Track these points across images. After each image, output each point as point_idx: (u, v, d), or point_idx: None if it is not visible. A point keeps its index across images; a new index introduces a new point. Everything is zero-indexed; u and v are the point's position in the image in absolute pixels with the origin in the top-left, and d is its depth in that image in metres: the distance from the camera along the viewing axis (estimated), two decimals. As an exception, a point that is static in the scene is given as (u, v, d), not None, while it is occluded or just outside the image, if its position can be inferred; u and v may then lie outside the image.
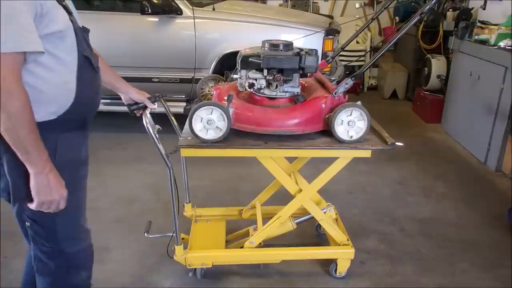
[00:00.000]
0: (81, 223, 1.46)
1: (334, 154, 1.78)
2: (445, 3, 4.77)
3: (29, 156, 1.16)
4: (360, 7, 6.19)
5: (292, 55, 1.70)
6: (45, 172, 1.19)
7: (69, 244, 1.42)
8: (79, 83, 1.28)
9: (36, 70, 1.18)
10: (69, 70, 1.26)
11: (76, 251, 1.44)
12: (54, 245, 1.39)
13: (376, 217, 2.72)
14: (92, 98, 1.39)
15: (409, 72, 5.33)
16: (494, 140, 3.41)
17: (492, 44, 3.55)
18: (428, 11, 1.74)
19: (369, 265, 2.26)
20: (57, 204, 1.26)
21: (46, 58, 1.18)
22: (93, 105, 1.40)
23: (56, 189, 1.23)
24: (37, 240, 1.38)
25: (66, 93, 1.27)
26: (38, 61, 1.18)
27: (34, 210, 1.27)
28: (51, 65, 1.20)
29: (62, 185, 1.25)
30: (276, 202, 2.35)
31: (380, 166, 3.43)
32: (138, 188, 2.98)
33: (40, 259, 1.42)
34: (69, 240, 1.41)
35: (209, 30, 3.62)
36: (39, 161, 1.18)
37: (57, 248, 1.39)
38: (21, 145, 1.15)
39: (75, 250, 1.44)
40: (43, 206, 1.24)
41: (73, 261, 1.45)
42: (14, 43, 1.07)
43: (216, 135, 1.67)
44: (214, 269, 2.09)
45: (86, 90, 1.32)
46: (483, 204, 2.90)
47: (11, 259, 2.24)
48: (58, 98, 1.25)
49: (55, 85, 1.23)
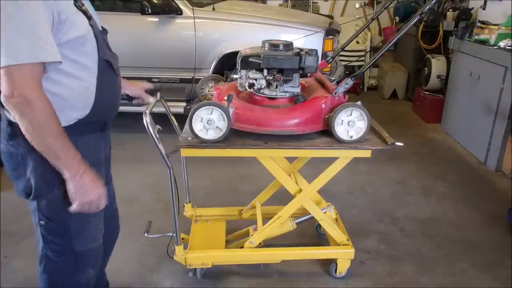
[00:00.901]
0: (95, 222, 1.45)
1: (334, 154, 1.78)
2: (445, 3, 4.77)
3: (61, 162, 1.19)
4: (360, 7, 6.19)
5: (292, 55, 1.70)
6: (79, 175, 1.21)
7: (81, 243, 1.41)
8: (99, 87, 1.28)
9: (57, 77, 1.19)
10: (90, 75, 1.26)
11: (86, 250, 1.44)
12: (66, 244, 1.39)
13: (376, 217, 2.72)
14: (112, 101, 1.39)
15: (409, 72, 5.33)
16: (494, 140, 3.41)
17: (492, 44, 3.55)
18: (428, 11, 1.74)
19: (369, 265, 2.26)
20: (96, 203, 1.27)
21: (67, 64, 1.19)
22: (113, 108, 1.40)
23: (92, 190, 1.25)
24: (48, 239, 1.39)
25: (87, 98, 1.27)
26: (59, 69, 1.18)
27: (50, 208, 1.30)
28: (72, 71, 1.21)
29: (98, 184, 1.27)
30: (276, 202, 2.35)
31: (380, 166, 3.43)
32: (138, 188, 2.98)
33: (49, 257, 1.43)
34: (82, 239, 1.41)
35: (209, 30, 3.62)
36: (71, 165, 1.20)
37: (68, 246, 1.40)
38: (50, 152, 1.17)
39: (86, 249, 1.44)
40: (84, 208, 1.26)
41: (82, 259, 1.45)
42: (30, 54, 1.07)
43: (216, 135, 1.67)
44: (214, 269, 2.09)
45: (106, 94, 1.33)
46: (483, 204, 2.90)
47: (11, 259, 2.24)
48: (79, 103, 1.26)
49: (76, 91, 1.24)
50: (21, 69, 1.07)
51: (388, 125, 1.93)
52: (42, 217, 1.34)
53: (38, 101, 1.11)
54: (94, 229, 1.46)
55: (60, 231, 1.37)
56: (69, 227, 1.36)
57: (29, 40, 1.06)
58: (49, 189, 1.28)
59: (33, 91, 1.10)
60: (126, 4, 3.78)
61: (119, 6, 3.79)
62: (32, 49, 1.07)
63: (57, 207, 1.31)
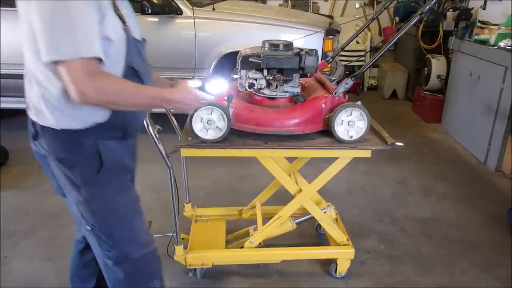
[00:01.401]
0: (139, 227, 1.42)
1: (334, 154, 1.78)
2: (445, 3, 4.77)
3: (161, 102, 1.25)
4: (360, 7, 6.19)
5: (292, 55, 1.70)
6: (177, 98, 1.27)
7: (132, 249, 1.39)
8: None
9: None
10: None
11: (141, 257, 1.41)
12: (117, 250, 1.37)
13: (376, 217, 2.72)
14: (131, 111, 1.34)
15: (409, 72, 5.33)
16: (494, 140, 3.41)
17: (492, 44, 3.55)
18: (428, 11, 1.74)
19: (369, 265, 2.26)
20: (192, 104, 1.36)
21: None
22: (134, 117, 1.34)
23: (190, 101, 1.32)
24: (103, 246, 1.37)
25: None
26: None
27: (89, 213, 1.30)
28: None
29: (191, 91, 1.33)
30: (276, 202, 2.35)
31: (380, 166, 3.43)
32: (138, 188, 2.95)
33: (108, 265, 1.40)
34: (131, 245, 1.39)
35: (209, 30, 3.62)
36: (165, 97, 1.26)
37: (121, 254, 1.37)
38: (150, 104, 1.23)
39: (139, 255, 1.40)
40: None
41: (140, 267, 1.42)
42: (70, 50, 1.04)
43: (216, 135, 1.67)
44: (214, 269, 2.09)
45: None
46: (483, 204, 2.90)
47: (11, 259, 2.24)
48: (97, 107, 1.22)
49: None
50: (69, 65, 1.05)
51: (388, 125, 1.93)
52: (88, 222, 1.33)
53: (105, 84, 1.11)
54: (141, 233, 1.43)
55: (106, 237, 1.35)
56: (113, 233, 1.34)
57: (70, 34, 1.04)
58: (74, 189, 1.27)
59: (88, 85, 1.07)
60: (126, 4, 3.78)
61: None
62: (72, 44, 1.04)
63: (95, 212, 1.30)
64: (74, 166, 1.24)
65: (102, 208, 1.30)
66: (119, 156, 1.30)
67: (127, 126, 1.33)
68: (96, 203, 1.29)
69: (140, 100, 1.19)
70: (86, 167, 1.24)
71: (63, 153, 1.23)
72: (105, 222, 1.33)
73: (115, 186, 1.31)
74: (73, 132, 1.19)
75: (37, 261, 2.23)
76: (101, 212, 1.31)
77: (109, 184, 1.29)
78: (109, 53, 1.15)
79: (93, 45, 1.07)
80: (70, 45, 1.04)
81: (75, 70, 1.06)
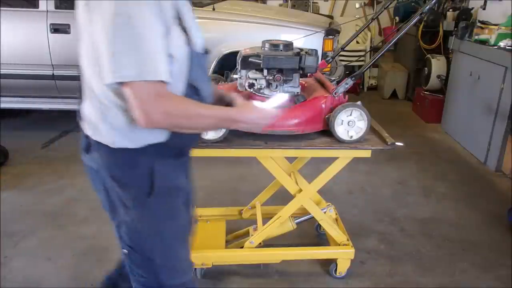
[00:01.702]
0: (182, 254, 1.34)
1: (334, 154, 1.78)
2: (445, 3, 4.77)
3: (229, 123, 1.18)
4: (360, 7, 6.19)
5: (292, 55, 1.70)
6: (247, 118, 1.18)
7: (168, 276, 1.30)
8: None
9: None
10: None
11: (176, 285, 1.32)
12: (152, 277, 1.28)
13: (376, 217, 2.72)
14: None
15: (409, 72, 5.33)
16: (494, 140, 3.41)
17: (492, 44, 3.55)
18: (428, 11, 1.74)
19: (369, 265, 2.25)
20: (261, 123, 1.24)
21: None
22: (192, 136, 1.25)
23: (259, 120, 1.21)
24: (135, 271, 1.30)
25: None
26: None
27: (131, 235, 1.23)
28: None
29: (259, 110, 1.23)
30: (276, 202, 2.35)
31: (380, 166, 3.43)
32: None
33: None
34: (168, 271, 1.30)
35: (209, 30, 3.61)
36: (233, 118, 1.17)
37: (155, 280, 1.28)
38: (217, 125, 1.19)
39: (175, 283, 1.31)
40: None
41: None
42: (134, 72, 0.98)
43: (216, 135, 1.67)
44: (214, 269, 2.09)
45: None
46: (483, 204, 2.90)
47: (11, 259, 2.24)
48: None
49: None
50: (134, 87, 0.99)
51: (388, 125, 1.93)
52: (125, 245, 1.26)
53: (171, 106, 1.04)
54: (182, 261, 1.34)
55: (144, 262, 1.27)
56: (154, 258, 1.26)
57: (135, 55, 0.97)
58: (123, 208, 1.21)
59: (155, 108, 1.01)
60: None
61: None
62: (137, 66, 0.98)
63: (138, 234, 1.24)
64: (127, 186, 1.18)
65: (147, 232, 1.23)
66: (172, 177, 1.23)
67: (184, 145, 1.27)
68: (142, 226, 1.23)
69: (207, 122, 1.13)
70: (138, 188, 1.18)
71: (117, 171, 1.17)
72: (147, 246, 1.25)
73: (165, 210, 1.24)
74: (129, 151, 1.14)
75: (37, 261, 2.23)
76: (145, 235, 1.24)
77: (159, 208, 1.22)
78: (171, 72, 1.06)
79: (159, 67, 1.00)
80: (135, 67, 0.98)
81: (140, 92, 0.99)
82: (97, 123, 1.14)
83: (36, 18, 3.53)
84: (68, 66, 3.62)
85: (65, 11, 3.55)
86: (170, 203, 1.24)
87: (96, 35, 1.01)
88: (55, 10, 3.53)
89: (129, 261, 1.29)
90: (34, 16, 3.54)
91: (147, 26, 0.98)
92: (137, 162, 1.16)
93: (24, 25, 3.61)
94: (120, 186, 1.18)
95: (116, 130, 1.12)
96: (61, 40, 3.54)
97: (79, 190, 2.95)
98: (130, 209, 1.20)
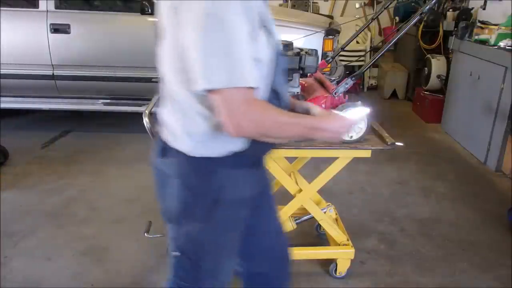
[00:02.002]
0: (228, 266, 1.32)
1: (334, 154, 1.78)
2: (445, 3, 4.77)
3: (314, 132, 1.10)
4: (360, 7, 6.19)
5: (292, 55, 1.69)
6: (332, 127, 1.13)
7: (209, 284, 1.30)
8: None
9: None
10: None
11: None
12: (193, 283, 1.28)
13: (376, 217, 2.72)
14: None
15: (409, 72, 5.33)
16: (494, 140, 3.41)
17: (492, 44, 3.55)
18: (428, 11, 1.74)
19: (369, 265, 2.26)
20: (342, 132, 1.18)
21: None
22: (269, 145, 1.20)
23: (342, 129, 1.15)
24: (179, 275, 1.29)
25: None
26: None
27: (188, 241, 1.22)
28: None
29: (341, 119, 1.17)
30: (276, 202, 2.34)
31: (380, 166, 3.43)
32: (138, 188, 2.98)
33: None
34: (210, 280, 1.29)
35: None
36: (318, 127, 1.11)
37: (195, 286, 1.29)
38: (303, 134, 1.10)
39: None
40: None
41: None
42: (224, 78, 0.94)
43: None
44: (214, 269, 2.09)
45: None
46: (483, 204, 2.90)
47: (11, 259, 2.24)
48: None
49: None
50: (223, 94, 0.95)
51: (388, 125, 1.93)
52: (177, 248, 1.24)
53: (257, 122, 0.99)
54: (226, 273, 1.33)
55: (193, 268, 1.26)
56: (201, 265, 1.26)
57: (226, 61, 0.93)
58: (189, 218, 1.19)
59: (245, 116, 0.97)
60: (126, 4, 3.78)
61: (119, 6, 3.79)
62: (227, 73, 0.93)
63: (195, 241, 1.22)
64: (199, 195, 1.15)
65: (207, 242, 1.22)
66: (244, 189, 1.20)
67: (261, 154, 1.23)
68: (203, 236, 1.20)
69: (295, 130, 1.08)
70: (209, 199, 1.15)
71: (191, 180, 1.14)
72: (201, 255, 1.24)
73: (229, 222, 1.22)
74: (206, 160, 1.11)
75: (37, 261, 2.23)
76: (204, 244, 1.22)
77: (225, 220, 1.20)
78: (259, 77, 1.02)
79: (248, 73, 0.96)
80: (225, 73, 0.93)
81: (230, 100, 0.96)
82: (176, 130, 1.12)
83: (36, 18, 3.53)
84: (68, 66, 3.63)
85: (65, 11, 3.56)
86: (235, 215, 1.22)
87: (184, 39, 0.96)
88: (55, 10, 3.53)
89: (176, 264, 1.27)
90: (34, 16, 3.54)
91: (238, 30, 0.93)
92: (212, 171, 1.13)
93: (24, 25, 3.61)
94: (192, 195, 1.15)
95: (195, 138, 1.09)
96: (61, 40, 3.55)
97: (79, 190, 2.95)
98: (196, 218, 1.17)
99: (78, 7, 3.66)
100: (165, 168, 1.19)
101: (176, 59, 1.01)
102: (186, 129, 1.10)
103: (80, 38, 3.55)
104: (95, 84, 3.72)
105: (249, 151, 1.13)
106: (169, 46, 1.04)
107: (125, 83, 3.68)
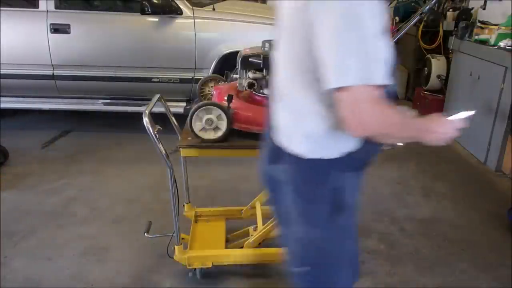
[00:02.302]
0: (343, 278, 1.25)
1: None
2: (445, 3, 4.77)
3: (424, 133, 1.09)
4: (360, 7, 6.18)
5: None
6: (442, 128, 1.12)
7: None
8: None
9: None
10: None
11: None
12: None
13: (376, 217, 2.71)
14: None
15: (409, 72, 5.32)
16: (494, 140, 3.41)
17: (492, 44, 3.54)
18: (428, 11, 1.75)
19: (369, 265, 2.25)
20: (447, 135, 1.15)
21: None
22: (379, 146, 1.16)
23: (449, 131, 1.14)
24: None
25: None
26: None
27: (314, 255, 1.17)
28: None
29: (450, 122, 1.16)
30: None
31: (380, 166, 3.43)
32: (138, 188, 2.98)
33: None
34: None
35: (209, 30, 3.62)
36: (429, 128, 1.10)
37: None
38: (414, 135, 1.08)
39: None
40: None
41: None
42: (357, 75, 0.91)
43: (216, 135, 1.67)
44: (214, 269, 2.09)
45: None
46: (483, 204, 2.90)
47: (11, 259, 2.24)
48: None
49: None
50: (352, 92, 0.92)
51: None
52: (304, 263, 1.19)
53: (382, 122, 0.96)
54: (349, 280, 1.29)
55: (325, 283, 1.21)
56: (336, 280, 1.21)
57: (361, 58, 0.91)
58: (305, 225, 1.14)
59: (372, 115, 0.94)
60: (126, 4, 3.78)
61: (119, 6, 3.79)
62: (361, 70, 0.91)
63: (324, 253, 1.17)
64: (315, 202, 1.12)
65: (335, 251, 1.18)
66: (356, 191, 1.17)
67: (370, 155, 1.19)
68: (329, 245, 1.16)
69: (410, 131, 1.06)
70: (327, 204, 1.11)
71: (305, 185, 1.11)
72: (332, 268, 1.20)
73: (347, 228, 1.19)
74: (321, 163, 1.08)
75: (37, 261, 2.23)
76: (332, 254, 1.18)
77: (343, 226, 1.17)
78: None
79: (379, 70, 0.93)
80: (359, 71, 0.91)
81: (358, 98, 0.93)
82: (291, 132, 1.10)
83: (36, 18, 3.53)
84: (68, 66, 3.63)
85: (65, 11, 3.56)
86: (354, 220, 1.20)
87: (316, 38, 0.94)
88: (55, 10, 3.53)
89: (302, 281, 1.23)
90: (34, 16, 3.54)
91: (372, 29, 0.92)
92: (327, 175, 1.10)
93: (24, 25, 3.61)
94: (306, 201, 1.12)
95: (311, 138, 1.07)
96: (61, 40, 3.55)
97: (79, 190, 2.95)
98: (315, 226, 1.14)
99: (78, 7, 3.66)
100: (280, 175, 1.17)
101: (302, 60, 1.00)
102: (302, 130, 1.08)
103: (80, 38, 3.55)
104: (95, 84, 3.72)
105: (359, 153, 1.11)
106: (288, 45, 1.02)
107: (125, 83, 3.69)
